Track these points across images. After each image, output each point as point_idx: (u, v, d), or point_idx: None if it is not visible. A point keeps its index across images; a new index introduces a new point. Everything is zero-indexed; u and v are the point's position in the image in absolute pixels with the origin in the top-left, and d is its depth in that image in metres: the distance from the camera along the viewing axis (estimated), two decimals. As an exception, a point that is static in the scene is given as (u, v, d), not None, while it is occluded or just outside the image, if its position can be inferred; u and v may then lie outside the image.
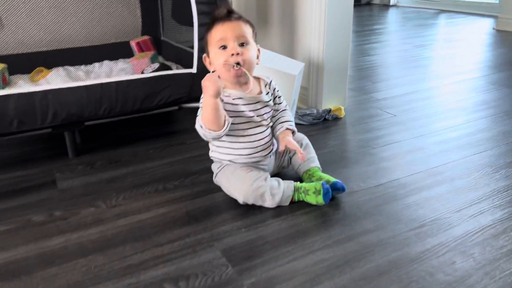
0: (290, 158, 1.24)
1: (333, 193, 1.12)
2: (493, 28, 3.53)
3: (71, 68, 1.80)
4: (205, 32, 1.12)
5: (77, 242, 0.98)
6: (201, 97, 1.09)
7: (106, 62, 1.87)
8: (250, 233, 1.00)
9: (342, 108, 1.70)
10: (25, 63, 1.75)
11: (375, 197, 1.13)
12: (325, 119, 1.66)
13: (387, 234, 0.98)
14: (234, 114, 1.11)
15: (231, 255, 0.92)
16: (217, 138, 1.08)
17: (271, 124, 1.20)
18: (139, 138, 1.55)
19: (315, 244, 0.95)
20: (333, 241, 0.96)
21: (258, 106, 1.14)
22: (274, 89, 1.20)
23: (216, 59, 1.09)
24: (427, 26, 3.77)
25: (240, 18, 1.09)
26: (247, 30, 1.10)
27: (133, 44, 1.90)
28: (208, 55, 1.13)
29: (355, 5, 1.58)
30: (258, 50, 1.14)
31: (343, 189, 1.12)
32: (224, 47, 1.07)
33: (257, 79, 1.18)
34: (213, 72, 1.04)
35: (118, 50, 1.93)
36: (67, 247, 0.97)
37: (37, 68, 1.74)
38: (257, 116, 1.14)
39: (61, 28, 1.82)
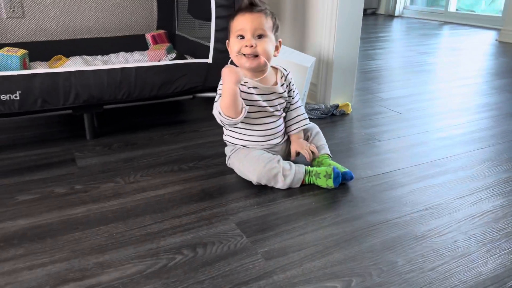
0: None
1: (342, 181, 1.17)
2: (496, 40, 3.61)
3: (88, 58, 1.86)
4: (230, 20, 1.18)
5: (99, 212, 1.03)
6: (219, 84, 1.15)
7: (122, 53, 1.93)
8: (263, 210, 1.05)
9: (350, 104, 1.76)
10: (45, 51, 1.82)
11: (381, 183, 1.18)
12: (332, 114, 1.72)
13: (393, 215, 1.03)
14: (248, 102, 1.16)
15: (245, 228, 0.97)
16: (234, 125, 1.14)
17: (284, 115, 1.25)
18: (154, 124, 1.60)
19: (324, 221, 1.00)
20: (341, 219, 1.01)
21: (272, 97, 1.20)
22: (290, 82, 1.26)
23: (232, 46, 1.16)
24: (431, 36, 3.85)
25: (262, 10, 1.15)
26: (267, 23, 1.15)
27: (148, 37, 1.96)
28: (229, 41, 1.19)
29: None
30: (280, 42, 1.20)
31: (351, 178, 1.18)
32: (242, 37, 1.13)
33: (275, 69, 1.24)
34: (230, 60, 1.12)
35: (133, 43, 2.00)
36: (89, 215, 1.02)
37: (56, 56, 1.80)
38: (270, 106, 1.19)
39: (80, 18, 1.89)
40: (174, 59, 1.63)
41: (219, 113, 1.11)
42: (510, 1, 3.49)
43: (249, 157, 1.16)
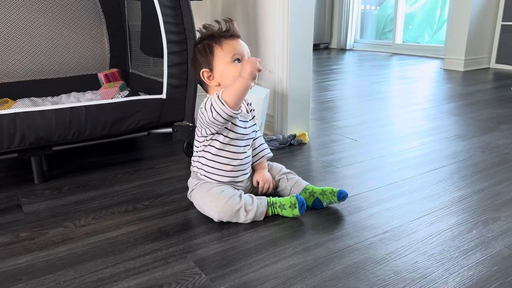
0: (277, 186, 1.27)
1: (340, 200, 1.16)
2: (441, 68, 3.82)
3: (37, 100, 1.80)
4: (210, 47, 1.14)
5: (45, 259, 0.96)
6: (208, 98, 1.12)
7: (73, 94, 1.88)
8: (223, 245, 1.01)
9: (306, 134, 1.78)
10: (-10, 94, 1.74)
11: (340, 209, 1.18)
12: (290, 144, 1.73)
13: (354, 240, 1.03)
14: (230, 126, 1.15)
15: (204, 265, 0.93)
16: (225, 120, 1.08)
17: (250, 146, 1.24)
18: (107, 164, 1.55)
19: (286, 252, 0.98)
20: (303, 248, 0.99)
21: (249, 123, 1.21)
22: (254, 110, 1.27)
23: (230, 71, 1.12)
24: (382, 66, 4.04)
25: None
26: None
27: (101, 76, 1.93)
28: (210, 70, 1.14)
29: (314, 49, 1.71)
30: None
31: (347, 195, 1.17)
32: (239, 60, 1.14)
33: None
34: (218, 85, 1.14)
35: (86, 82, 1.95)
36: (35, 264, 0.94)
37: (2, 99, 1.73)
38: (242, 134, 1.18)
39: (28, 59, 1.83)
40: (128, 95, 1.60)
41: (220, 100, 1.06)
42: (452, 32, 3.74)
43: (211, 193, 1.13)
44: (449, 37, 3.79)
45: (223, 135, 1.15)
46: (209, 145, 1.16)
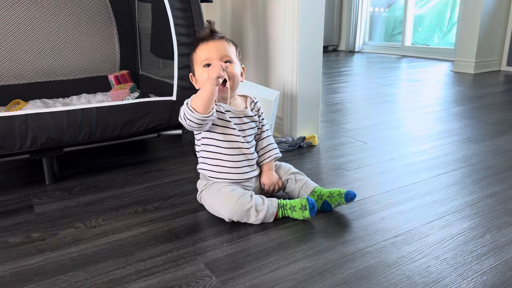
0: (284, 187, 1.27)
1: (348, 201, 1.15)
2: (451, 70, 3.79)
3: (48, 101, 1.81)
4: (191, 52, 1.19)
5: (57, 260, 0.97)
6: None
7: (84, 95, 1.89)
8: (233, 247, 1.01)
9: (316, 136, 1.77)
10: (2, 95, 1.76)
11: (351, 212, 1.17)
12: (300, 146, 1.73)
13: (365, 243, 1.02)
14: (222, 123, 1.16)
15: (214, 267, 0.93)
16: (199, 124, 1.09)
17: (254, 143, 1.24)
18: (117, 165, 1.55)
19: (296, 255, 0.98)
20: (313, 251, 0.99)
21: (245, 120, 1.21)
22: (259, 109, 1.27)
23: (201, 76, 1.16)
24: (391, 69, 4.01)
25: (223, 37, 1.17)
26: (231, 49, 1.17)
27: (111, 77, 1.94)
28: (193, 74, 1.20)
29: (322, 51, 1.71)
30: (243, 68, 1.21)
31: (354, 195, 1.16)
32: (209, 65, 1.14)
33: (245, 97, 1.26)
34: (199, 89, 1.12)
35: (96, 84, 1.97)
36: (46, 265, 0.95)
37: (14, 100, 1.75)
38: (239, 130, 1.18)
39: (39, 61, 1.85)
40: (138, 97, 1.61)
41: (187, 104, 1.09)
42: (462, 34, 3.71)
43: (221, 192, 1.13)
44: (459, 39, 3.76)
45: (217, 132, 1.16)
46: (207, 143, 1.17)
